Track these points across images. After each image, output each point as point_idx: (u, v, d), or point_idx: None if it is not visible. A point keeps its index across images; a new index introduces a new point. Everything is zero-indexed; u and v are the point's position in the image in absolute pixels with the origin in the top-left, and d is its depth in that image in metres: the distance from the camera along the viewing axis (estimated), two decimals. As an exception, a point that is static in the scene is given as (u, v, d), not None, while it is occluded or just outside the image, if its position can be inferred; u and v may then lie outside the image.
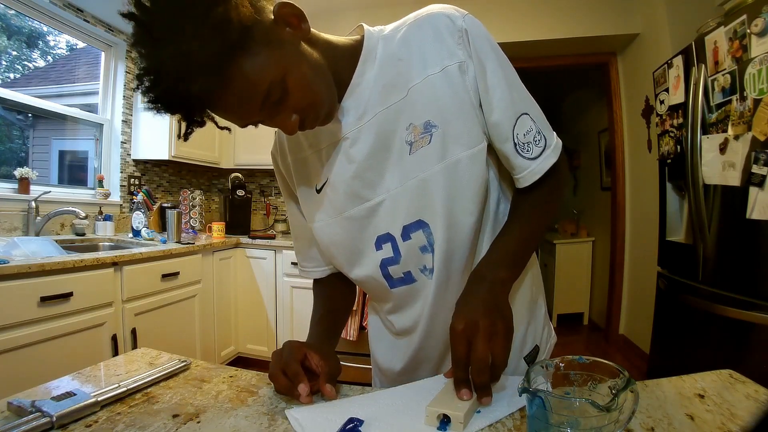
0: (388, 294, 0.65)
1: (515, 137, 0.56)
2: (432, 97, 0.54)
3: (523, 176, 0.58)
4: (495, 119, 0.56)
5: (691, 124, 1.62)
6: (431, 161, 0.55)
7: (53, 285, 1.45)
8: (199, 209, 2.77)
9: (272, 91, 0.48)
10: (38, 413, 0.45)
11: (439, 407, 0.47)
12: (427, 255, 0.59)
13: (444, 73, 0.54)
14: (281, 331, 2.63)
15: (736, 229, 1.43)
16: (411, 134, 0.56)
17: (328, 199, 0.62)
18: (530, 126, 0.57)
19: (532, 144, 0.57)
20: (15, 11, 2.07)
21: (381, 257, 0.62)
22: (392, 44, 0.57)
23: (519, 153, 0.57)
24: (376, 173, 0.58)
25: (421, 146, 0.55)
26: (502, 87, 0.55)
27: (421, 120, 0.55)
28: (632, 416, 0.40)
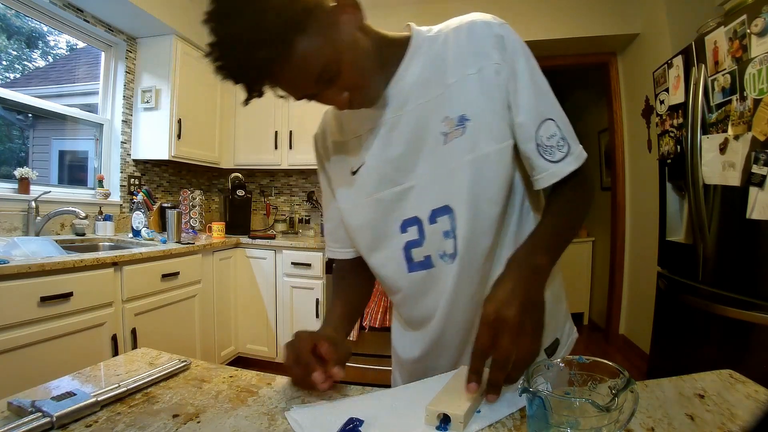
0: (403, 278, 0.67)
1: (538, 139, 0.60)
2: (468, 94, 0.59)
3: (542, 177, 0.61)
4: (520, 120, 0.59)
5: (691, 124, 1.62)
6: (463, 152, 0.59)
7: (53, 285, 1.45)
8: (199, 209, 2.77)
9: (327, 69, 0.53)
10: (38, 413, 0.45)
11: (439, 407, 0.48)
12: (449, 240, 0.62)
13: (480, 73, 0.59)
14: (281, 331, 2.63)
15: (736, 229, 1.43)
16: (446, 126, 0.60)
17: (361, 181, 0.66)
18: (554, 131, 0.60)
19: (555, 148, 0.60)
20: (15, 11, 2.07)
21: (406, 239, 0.65)
22: (436, 44, 0.62)
23: (540, 154, 0.60)
24: (409, 159, 0.62)
25: (455, 137, 0.59)
26: (530, 91, 0.60)
27: (456, 113, 0.59)
28: (632, 416, 0.40)
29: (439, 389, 0.53)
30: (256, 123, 3.05)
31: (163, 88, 2.59)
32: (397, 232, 0.65)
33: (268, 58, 0.50)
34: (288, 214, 3.33)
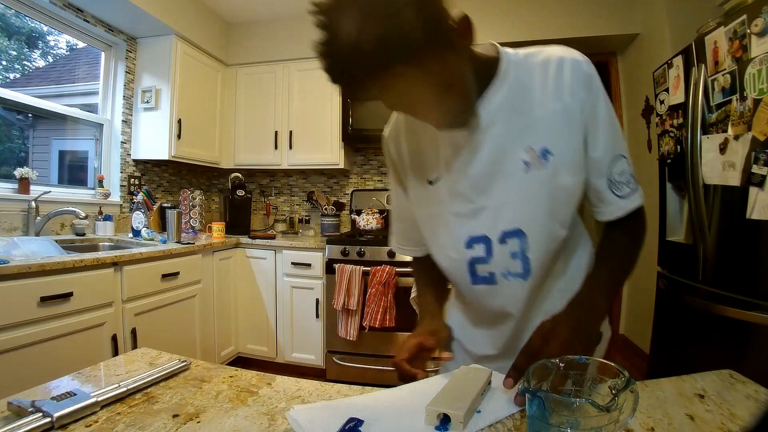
0: (466, 287, 0.73)
1: (610, 174, 0.64)
2: (552, 128, 0.62)
3: (609, 210, 0.66)
4: (597, 155, 0.64)
5: (691, 124, 1.62)
6: (543, 183, 0.63)
7: (53, 285, 1.45)
8: (199, 209, 2.77)
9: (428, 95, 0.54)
10: (38, 413, 0.45)
11: (439, 407, 0.48)
12: (516, 261, 0.66)
13: (565, 109, 0.61)
14: (281, 331, 2.63)
15: (736, 229, 1.43)
16: (528, 155, 0.63)
17: (438, 193, 0.69)
18: (625, 167, 0.65)
19: (624, 184, 0.65)
20: (15, 11, 2.07)
21: (471, 255, 0.69)
22: (523, 72, 0.63)
23: (611, 189, 0.65)
24: (487, 180, 0.65)
25: (536, 168, 0.62)
26: (608, 129, 0.64)
27: (539, 146, 0.62)
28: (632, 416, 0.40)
29: (439, 389, 0.53)
30: (256, 123, 3.05)
31: (163, 88, 2.59)
32: (462, 247, 0.69)
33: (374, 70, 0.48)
34: (288, 214, 3.33)
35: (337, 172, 3.24)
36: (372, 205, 3.01)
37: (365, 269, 2.32)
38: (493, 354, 0.77)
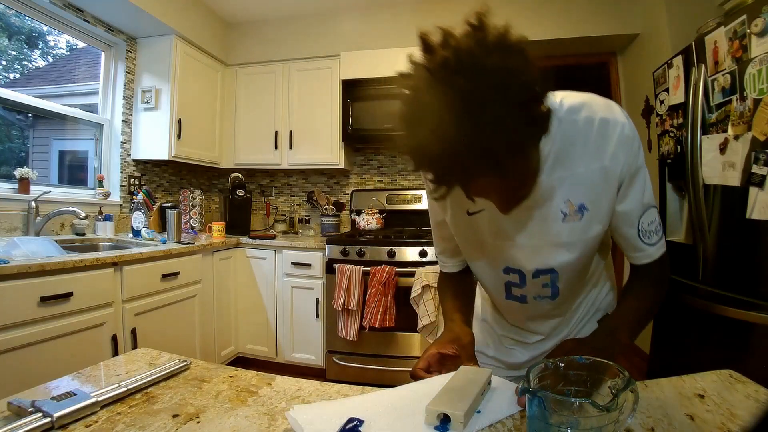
0: (500, 300, 0.83)
1: (640, 225, 0.70)
2: (591, 185, 0.66)
3: (639, 256, 0.72)
4: (628, 208, 0.68)
5: (691, 124, 1.62)
6: (577, 233, 0.69)
7: (53, 285, 1.45)
8: (199, 209, 2.77)
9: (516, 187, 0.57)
10: (38, 413, 0.45)
11: (439, 407, 0.47)
12: (546, 288, 0.76)
13: (605, 169, 0.65)
14: (281, 331, 2.63)
15: (736, 229, 1.43)
16: (567, 207, 0.68)
17: (477, 225, 0.74)
18: (654, 217, 0.70)
19: (653, 233, 0.70)
20: (15, 11, 2.07)
21: (506, 279, 0.78)
22: (568, 127, 0.65)
23: (640, 238, 0.70)
24: (528, 222, 0.70)
25: (573, 220, 0.68)
26: (642, 185, 0.68)
27: (578, 201, 0.67)
28: (632, 416, 0.40)
29: (439, 389, 0.53)
30: (256, 123, 3.05)
31: (163, 88, 2.59)
32: (500, 272, 0.78)
33: (472, 171, 0.47)
34: (288, 214, 3.33)
35: (337, 172, 3.24)
36: (372, 205, 3.01)
37: (365, 269, 2.32)
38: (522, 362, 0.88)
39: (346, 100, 2.81)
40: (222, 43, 3.08)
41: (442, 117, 0.44)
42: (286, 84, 2.99)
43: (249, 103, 3.07)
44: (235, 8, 2.95)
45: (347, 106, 2.80)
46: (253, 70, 3.08)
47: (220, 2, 2.86)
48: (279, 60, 3.02)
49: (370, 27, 2.93)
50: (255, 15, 3.05)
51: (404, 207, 2.99)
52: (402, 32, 2.86)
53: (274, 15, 3.04)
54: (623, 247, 0.73)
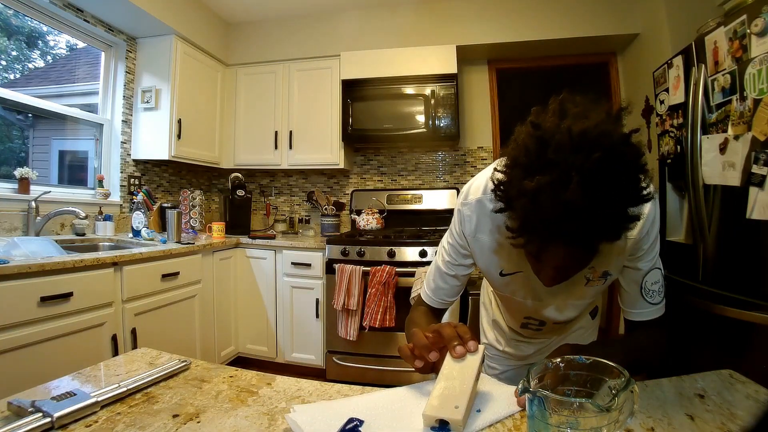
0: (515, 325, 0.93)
1: (644, 283, 0.72)
2: (613, 254, 0.70)
3: (638, 312, 0.75)
4: (639, 267, 0.71)
5: (691, 124, 1.61)
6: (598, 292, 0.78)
7: (53, 285, 1.45)
8: (199, 209, 2.76)
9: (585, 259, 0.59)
10: (38, 413, 0.45)
11: (437, 413, 0.47)
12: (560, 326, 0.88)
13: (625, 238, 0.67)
14: (281, 331, 2.63)
15: (736, 229, 1.43)
16: (590, 274, 0.73)
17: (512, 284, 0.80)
18: (659, 278, 0.73)
19: (656, 293, 0.73)
20: (15, 11, 2.07)
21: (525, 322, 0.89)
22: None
23: (642, 296, 0.73)
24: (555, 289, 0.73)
25: (596, 285, 0.74)
26: (654, 250, 0.71)
27: (602, 268, 0.72)
28: (632, 416, 0.40)
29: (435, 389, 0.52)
30: (256, 123, 3.05)
31: (163, 88, 2.59)
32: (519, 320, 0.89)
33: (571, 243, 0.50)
34: (288, 214, 3.33)
35: (337, 172, 3.24)
36: (372, 205, 3.01)
37: (365, 269, 2.32)
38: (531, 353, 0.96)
39: (346, 100, 2.81)
40: (222, 43, 3.08)
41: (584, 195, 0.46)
42: (286, 84, 2.99)
43: (249, 103, 3.07)
44: (235, 8, 2.95)
45: (347, 106, 2.80)
46: (253, 70, 3.08)
47: (220, 2, 2.86)
48: (279, 60, 3.02)
49: (370, 27, 2.93)
50: (255, 15, 3.05)
51: (404, 207, 2.98)
52: (402, 32, 2.86)
53: (274, 15, 3.04)
54: (624, 301, 0.77)
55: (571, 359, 0.47)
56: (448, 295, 0.87)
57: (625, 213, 0.48)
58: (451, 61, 2.67)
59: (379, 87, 2.75)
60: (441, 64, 2.68)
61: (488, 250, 0.77)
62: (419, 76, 2.70)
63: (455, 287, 0.86)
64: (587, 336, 0.96)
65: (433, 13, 2.82)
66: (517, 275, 0.76)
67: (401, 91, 2.72)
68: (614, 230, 0.49)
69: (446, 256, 0.83)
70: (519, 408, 0.51)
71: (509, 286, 0.80)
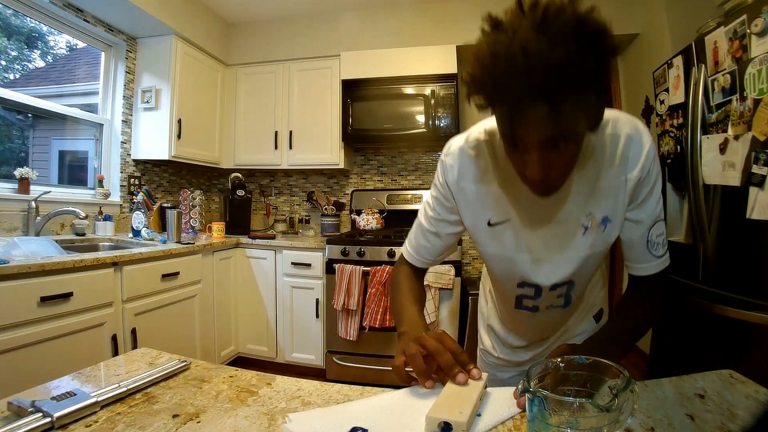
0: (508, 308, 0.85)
1: (649, 236, 0.70)
2: (613, 199, 0.68)
3: (644, 267, 0.72)
4: (642, 217, 0.69)
5: (691, 124, 1.62)
6: (598, 244, 0.71)
7: (53, 285, 1.45)
8: (199, 209, 2.76)
9: (561, 138, 0.53)
10: (38, 413, 0.45)
11: (440, 415, 0.46)
12: (560, 299, 0.77)
13: (626, 182, 0.66)
14: (281, 331, 2.63)
15: (736, 229, 1.43)
16: (588, 221, 0.69)
17: (499, 235, 0.74)
18: (663, 230, 0.71)
19: (660, 245, 0.71)
20: (14, 11, 2.07)
21: (519, 293, 0.79)
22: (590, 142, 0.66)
23: (648, 249, 0.71)
24: (550, 238, 0.71)
25: (594, 233, 0.70)
26: (657, 198, 0.69)
27: (600, 214, 0.68)
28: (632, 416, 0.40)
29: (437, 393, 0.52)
30: (256, 123, 3.05)
31: (163, 88, 2.59)
32: (513, 286, 0.78)
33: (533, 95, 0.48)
34: (288, 214, 3.33)
35: (337, 172, 3.24)
36: (372, 205, 3.01)
37: (365, 269, 2.32)
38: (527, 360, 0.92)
39: (346, 100, 2.81)
40: (222, 43, 3.08)
41: (539, 40, 0.46)
42: (286, 84, 2.99)
43: (249, 103, 3.07)
44: (235, 8, 2.95)
45: (347, 106, 2.80)
46: (253, 70, 3.08)
47: (220, 2, 2.86)
48: (279, 60, 3.02)
49: (370, 27, 2.93)
50: (255, 15, 3.05)
51: (404, 207, 2.98)
52: (402, 32, 2.86)
53: (274, 15, 3.04)
54: (628, 256, 0.74)
55: (571, 359, 0.47)
56: (430, 254, 0.83)
57: (584, 57, 0.47)
58: (451, 61, 2.67)
59: (379, 87, 2.75)
60: (441, 64, 2.68)
61: (474, 199, 0.74)
62: (419, 76, 2.70)
63: (438, 247, 0.82)
64: None
65: (433, 13, 2.82)
66: (506, 224, 0.72)
67: (401, 91, 2.72)
68: (578, 76, 0.47)
69: (429, 211, 0.81)
70: (519, 410, 0.51)
71: (499, 240, 0.74)
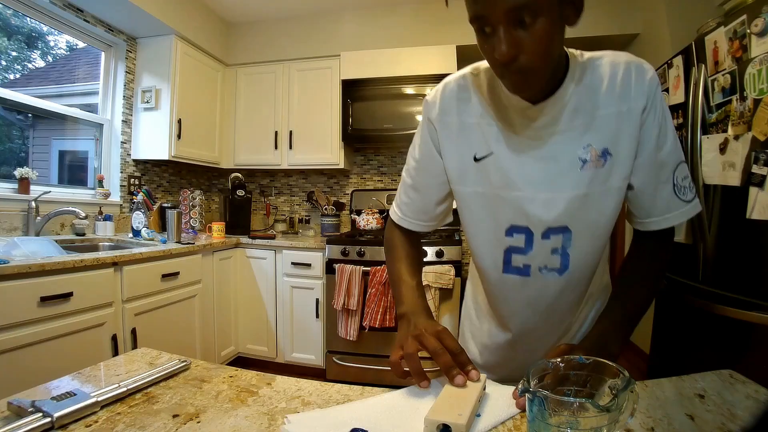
0: (495, 275, 0.71)
1: (675, 179, 0.64)
2: (614, 129, 0.62)
3: (674, 215, 0.65)
4: (662, 159, 0.63)
5: (691, 124, 1.62)
6: (597, 182, 0.63)
7: (53, 285, 1.45)
8: (199, 209, 2.77)
9: (526, 11, 0.50)
10: (38, 413, 0.45)
11: (439, 417, 0.46)
12: (555, 257, 0.66)
13: (628, 113, 0.61)
14: (281, 331, 2.63)
15: (736, 229, 1.43)
16: (588, 153, 0.62)
17: (484, 171, 0.67)
18: (687, 173, 0.65)
19: (687, 189, 0.65)
20: (14, 11, 2.07)
21: (509, 243, 0.68)
22: (589, 74, 0.63)
23: (677, 194, 0.64)
24: (541, 173, 0.64)
25: (595, 167, 0.62)
26: (673, 135, 0.64)
27: (601, 145, 0.62)
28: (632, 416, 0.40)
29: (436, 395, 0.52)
30: (256, 123, 3.05)
31: (163, 88, 2.59)
32: (502, 234, 0.68)
33: None
34: (288, 214, 3.33)
35: (337, 172, 3.24)
36: (372, 205, 3.01)
37: (365, 269, 2.32)
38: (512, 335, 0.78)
39: (346, 100, 2.81)
40: (222, 43, 3.08)
41: None
42: (286, 84, 2.99)
43: (249, 103, 3.07)
44: (235, 8, 2.95)
45: (347, 106, 2.80)
46: (253, 70, 3.08)
47: (220, 2, 2.86)
48: (279, 60, 3.02)
49: (370, 27, 2.93)
50: (255, 15, 3.05)
51: (404, 207, 2.98)
52: (402, 32, 2.86)
53: (274, 15, 3.04)
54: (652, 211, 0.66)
55: (571, 359, 0.47)
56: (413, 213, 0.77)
57: None
58: (451, 61, 2.67)
59: (379, 87, 2.75)
60: (441, 64, 2.68)
61: (457, 134, 0.69)
62: (419, 76, 2.70)
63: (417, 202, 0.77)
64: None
65: (433, 13, 2.82)
66: (492, 158, 0.66)
67: (401, 91, 2.72)
68: None
69: (412, 161, 0.76)
70: (518, 410, 0.51)
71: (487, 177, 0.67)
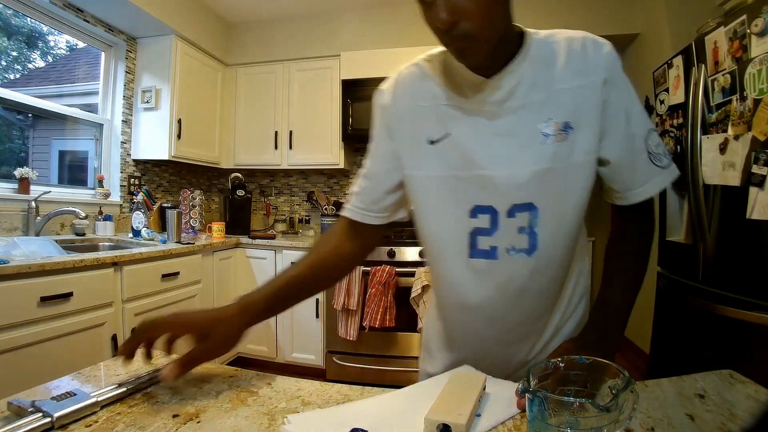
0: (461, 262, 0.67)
1: (648, 147, 0.64)
2: (573, 103, 0.60)
3: (653, 184, 0.65)
4: (632, 131, 0.62)
5: (691, 124, 1.62)
6: (561, 156, 0.61)
7: (53, 285, 1.45)
8: (199, 209, 2.77)
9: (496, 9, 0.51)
10: (38, 413, 0.45)
11: (439, 417, 0.46)
12: (523, 236, 0.63)
13: (589, 86, 0.60)
14: (281, 331, 2.63)
15: (736, 229, 1.43)
16: (550, 127, 0.60)
17: (440, 153, 0.65)
18: (659, 141, 0.65)
19: (662, 155, 0.65)
20: (14, 11, 2.07)
21: (474, 225, 0.65)
22: (546, 50, 0.62)
23: (653, 161, 0.64)
24: (501, 149, 0.62)
25: (555, 141, 0.60)
26: (639, 106, 0.64)
27: (562, 119, 0.60)
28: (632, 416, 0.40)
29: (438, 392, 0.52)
30: (256, 123, 3.05)
31: (163, 88, 2.59)
32: (465, 216, 0.65)
33: None
34: (288, 214, 3.33)
35: (337, 172, 3.24)
36: (372, 205, 3.01)
37: (365, 269, 2.32)
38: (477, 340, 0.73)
39: (346, 100, 2.81)
40: (222, 43, 3.08)
41: None
42: (286, 84, 2.99)
43: (249, 103, 3.07)
44: (235, 8, 2.95)
45: (347, 106, 2.80)
46: (253, 70, 3.08)
47: (220, 2, 2.86)
48: (279, 60, 3.02)
49: (370, 27, 2.93)
50: (255, 15, 3.05)
51: (404, 207, 2.98)
52: (402, 32, 2.86)
53: (275, 15, 3.04)
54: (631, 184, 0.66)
55: (571, 359, 0.47)
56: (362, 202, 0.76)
57: None
58: (451, 61, 2.67)
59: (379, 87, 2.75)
60: (441, 64, 2.68)
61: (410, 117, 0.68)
62: (419, 76, 2.70)
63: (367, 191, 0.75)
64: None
65: (433, 13, 2.82)
66: (449, 139, 0.64)
67: (401, 91, 2.71)
68: None
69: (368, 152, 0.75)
70: (518, 410, 0.51)
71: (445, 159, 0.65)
